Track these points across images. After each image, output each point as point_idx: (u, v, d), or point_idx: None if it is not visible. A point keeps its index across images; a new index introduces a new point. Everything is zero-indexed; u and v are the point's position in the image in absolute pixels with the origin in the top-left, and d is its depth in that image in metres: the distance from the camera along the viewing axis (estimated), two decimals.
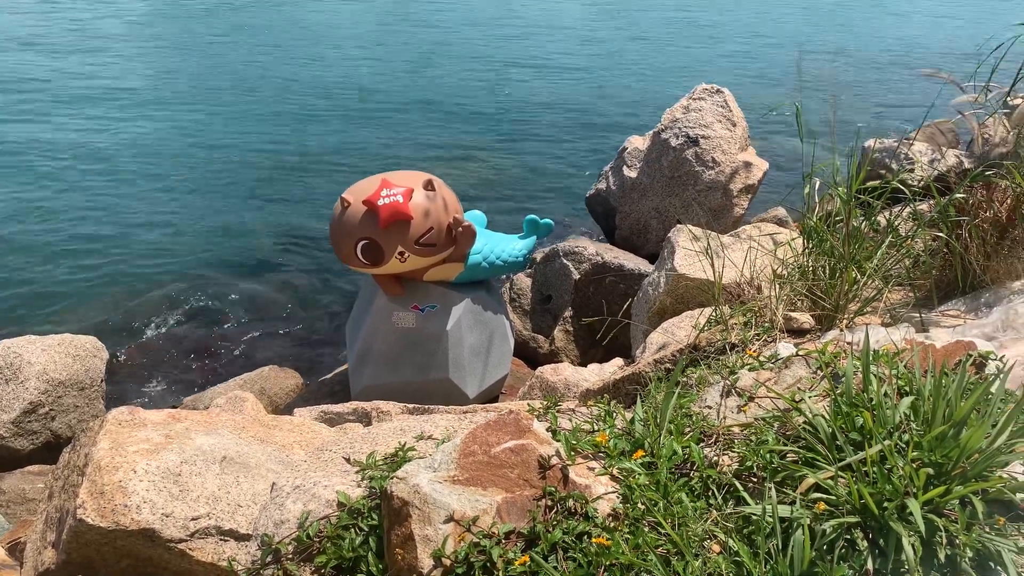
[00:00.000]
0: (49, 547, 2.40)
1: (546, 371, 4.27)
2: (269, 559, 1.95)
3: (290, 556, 1.94)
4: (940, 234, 3.08)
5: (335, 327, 6.25)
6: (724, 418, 2.10)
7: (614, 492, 1.81)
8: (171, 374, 5.65)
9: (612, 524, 1.73)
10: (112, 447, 2.35)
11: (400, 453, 2.14)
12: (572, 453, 1.92)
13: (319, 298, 6.70)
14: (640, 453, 1.93)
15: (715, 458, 1.94)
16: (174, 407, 4.92)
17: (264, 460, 2.48)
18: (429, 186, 4.12)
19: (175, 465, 2.32)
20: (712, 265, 3.16)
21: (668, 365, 2.92)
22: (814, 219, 3.01)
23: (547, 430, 2.01)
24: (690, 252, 4.01)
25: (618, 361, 4.41)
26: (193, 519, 2.20)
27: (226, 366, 5.72)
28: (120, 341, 5.89)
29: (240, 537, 2.22)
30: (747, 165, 6.38)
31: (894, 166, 5.37)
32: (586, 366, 4.49)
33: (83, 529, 2.16)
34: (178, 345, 5.94)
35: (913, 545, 1.53)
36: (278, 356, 5.84)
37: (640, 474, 1.85)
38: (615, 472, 1.88)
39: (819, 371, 2.21)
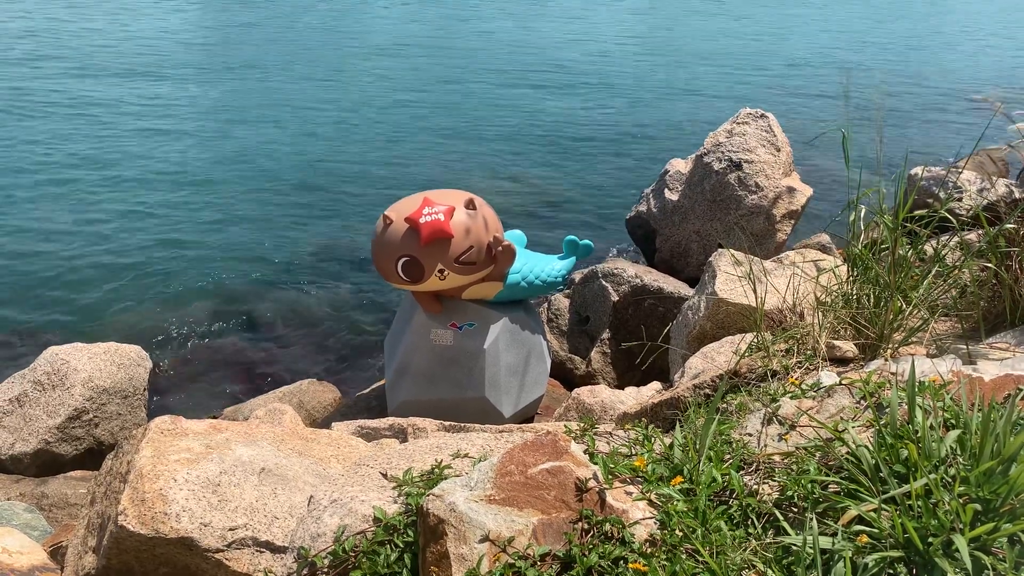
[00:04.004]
0: (90, 552, 2.44)
1: (583, 393, 4.25)
2: (305, 572, 1.96)
3: (326, 570, 1.95)
4: (989, 264, 3.02)
5: (373, 343, 6.30)
6: (765, 446, 2.07)
7: (652, 518, 1.80)
8: (212, 385, 5.73)
9: (649, 550, 1.71)
10: (154, 455, 2.39)
11: (436, 470, 2.15)
12: (609, 476, 1.91)
13: (358, 314, 6.75)
14: (679, 479, 1.91)
15: (755, 486, 1.91)
16: (214, 417, 4.99)
17: (302, 473, 2.50)
18: (470, 205, 4.15)
19: (215, 475, 2.35)
20: (754, 290, 3.13)
21: (707, 390, 2.89)
22: (859, 246, 2.97)
23: (584, 452, 2.00)
24: (732, 277, 3.98)
25: (656, 385, 4.38)
26: (231, 529, 2.22)
27: (265, 378, 5.78)
28: (163, 351, 5.99)
29: (276, 549, 2.23)
30: (791, 190, 6.32)
31: (942, 194, 5.29)
32: (623, 389, 4.46)
33: (124, 535, 2.20)
34: (219, 356, 6.02)
35: None
36: (317, 370, 5.89)
37: (678, 500, 1.83)
38: (653, 497, 1.86)
39: (863, 401, 2.17)
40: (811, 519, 1.65)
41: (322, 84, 14.20)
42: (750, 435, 2.14)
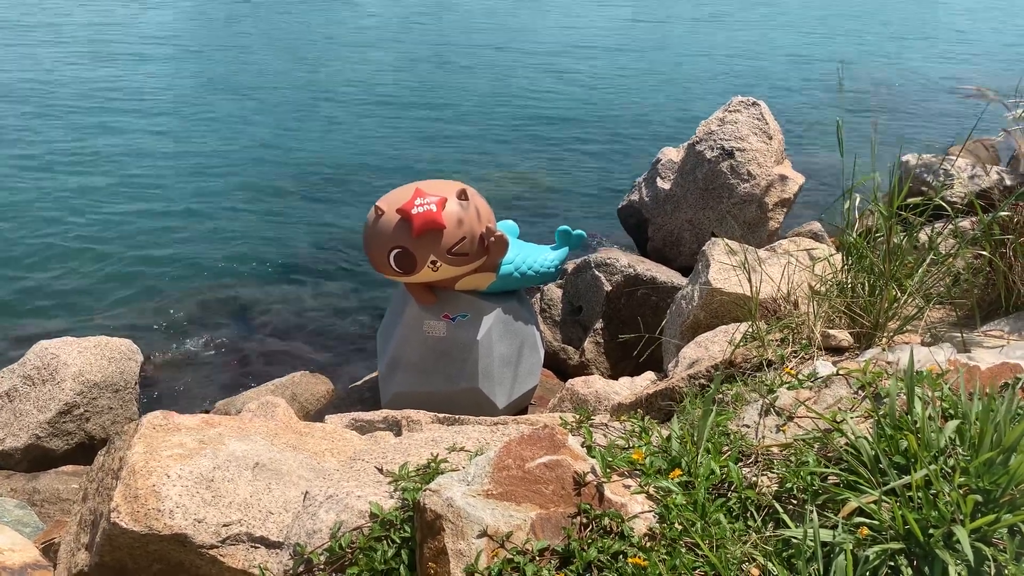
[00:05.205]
0: (82, 549, 2.42)
1: (577, 383, 4.24)
2: (301, 569, 1.95)
3: (322, 566, 1.93)
4: (983, 252, 3.01)
5: (366, 334, 6.26)
6: (763, 437, 2.06)
7: (650, 511, 1.78)
8: (203, 377, 5.69)
9: (648, 544, 1.70)
10: (146, 451, 2.36)
11: (433, 465, 2.13)
12: (607, 470, 1.89)
13: (351, 305, 6.71)
14: (677, 472, 1.90)
15: (754, 479, 1.90)
16: (206, 411, 4.96)
17: (296, 467, 2.48)
18: (463, 195, 4.12)
19: (208, 470, 2.32)
20: (748, 279, 3.12)
21: (702, 381, 2.89)
22: (854, 235, 2.96)
23: (581, 445, 1.98)
24: (725, 266, 3.96)
25: (650, 375, 4.37)
26: (225, 525, 2.20)
27: (258, 371, 5.74)
28: (154, 344, 5.94)
29: (271, 544, 2.21)
30: (783, 178, 6.31)
31: (935, 182, 5.29)
32: (617, 379, 4.45)
33: (116, 532, 2.17)
34: (211, 349, 5.98)
35: (960, 574, 1.49)
36: (309, 362, 5.86)
37: (677, 493, 1.82)
38: (651, 491, 1.85)
39: (860, 391, 2.17)
40: (811, 511, 1.64)
41: (312, 77, 14.11)
42: (747, 426, 2.13)
